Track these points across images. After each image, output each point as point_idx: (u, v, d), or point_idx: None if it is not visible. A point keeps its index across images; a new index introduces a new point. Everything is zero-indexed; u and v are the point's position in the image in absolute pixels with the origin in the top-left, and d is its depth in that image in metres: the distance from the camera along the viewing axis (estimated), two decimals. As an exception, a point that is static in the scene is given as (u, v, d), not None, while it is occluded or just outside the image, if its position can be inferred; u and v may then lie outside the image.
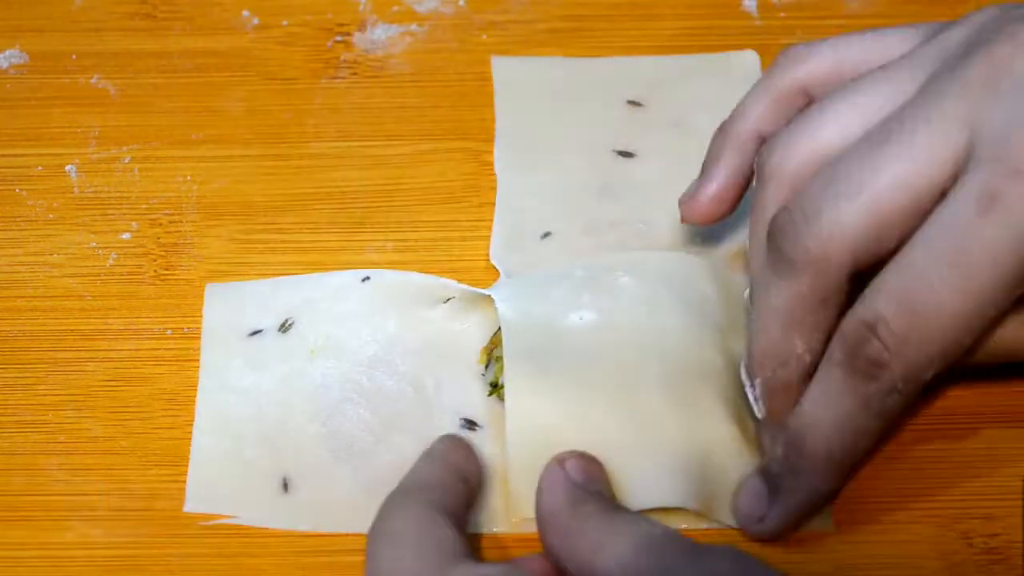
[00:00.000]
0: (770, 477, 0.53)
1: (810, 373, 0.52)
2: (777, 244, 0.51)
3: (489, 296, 0.59)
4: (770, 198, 0.53)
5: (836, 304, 0.50)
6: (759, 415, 0.54)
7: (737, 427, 0.56)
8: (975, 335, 0.49)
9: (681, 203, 0.58)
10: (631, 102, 0.67)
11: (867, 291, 0.49)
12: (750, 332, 0.53)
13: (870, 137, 0.50)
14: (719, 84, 0.68)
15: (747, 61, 0.69)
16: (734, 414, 0.56)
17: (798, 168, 0.52)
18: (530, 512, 0.54)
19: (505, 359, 0.56)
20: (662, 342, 0.57)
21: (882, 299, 0.49)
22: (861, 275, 0.50)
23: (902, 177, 0.49)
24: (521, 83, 0.68)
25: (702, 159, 0.65)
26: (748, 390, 0.54)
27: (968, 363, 0.52)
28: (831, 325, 0.51)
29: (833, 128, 0.52)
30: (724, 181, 0.57)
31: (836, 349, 0.50)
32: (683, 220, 0.58)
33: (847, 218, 0.49)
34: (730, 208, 0.57)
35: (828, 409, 0.51)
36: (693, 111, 0.67)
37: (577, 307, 0.58)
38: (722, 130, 0.57)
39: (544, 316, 0.58)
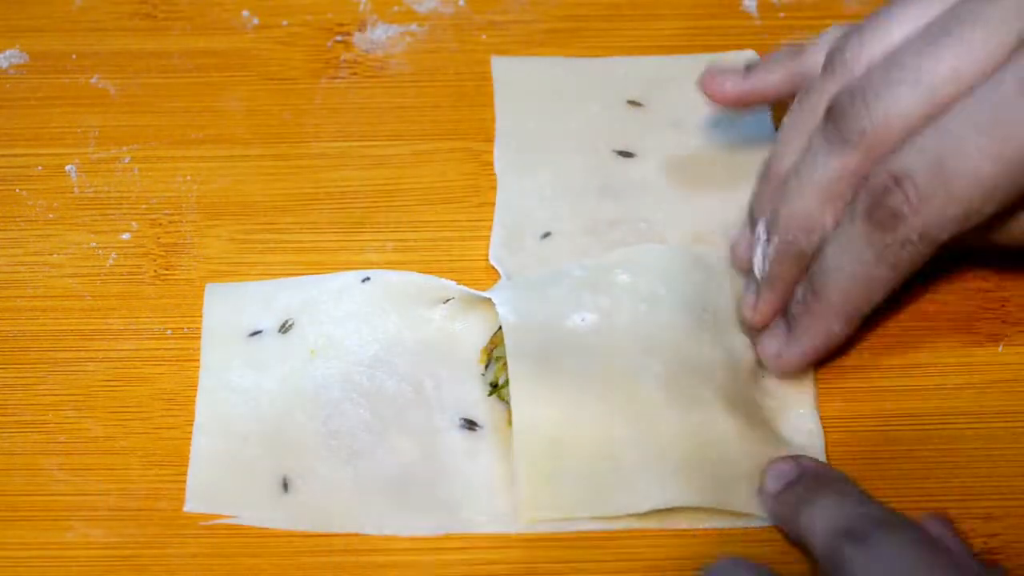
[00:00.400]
0: (790, 318, 0.57)
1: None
2: (835, 121, 0.54)
3: (488, 298, 0.59)
4: (835, 83, 0.55)
5: None
6: (758, 272, 0.57)
7: (739, 422, 0.56)
8: (996, 205, 0.52)
9: (709, 75, 0.61)
10: (631, 102, 0.67)
11: (901, 148, 0.52)
12: (778, 194, 0.56)
13: (931, 29, 0.53)
14: None
15: (747, 61, 0.69)
16: (735, 410, 0.56)
17: (867, 64, 0.55)
18: (537, 513, 0.54)
19: (509, 362, 0.56)
20: (662, 340, 0.57)
21: (914, 156, 0.52)
22: None
23: (957, 68, 0.52)
24: (521, 83, 0.68)
25: (699, 159, 0.65)
26: (759, 245, 0.57)
27: (996, 245, 0.56)
28: None
29: (902, 29, 0.55)
30: (772, 79, 0.60)
31: (861, 199, 0.53)
32: (703, 87, 0.61)
33: (904, 105, 0.53)
34: (748, 103, 0.61)
35: (846, 257, 0.54)
36: (693, 111, 0.67)
37: (577, 308, 0.58)
38: (790, 52, 0.60)
39: (545, 318, 0.58)
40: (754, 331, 0.58)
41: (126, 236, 0.63)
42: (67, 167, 0.65)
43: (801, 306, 0.56)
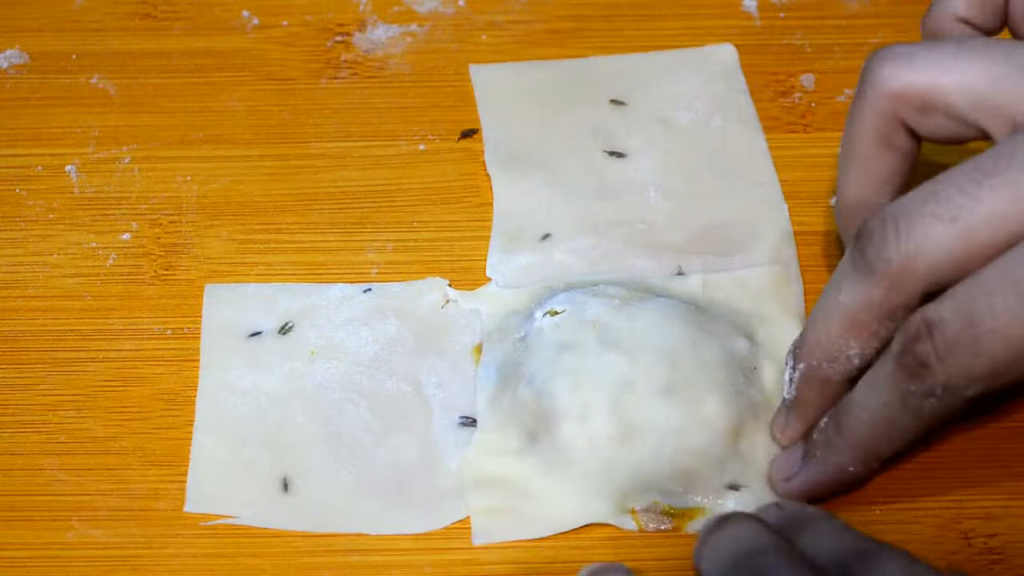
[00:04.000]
0: (809, 442, 0.55)
1: (854, 377, 0.53)
2: (863, 247, 0.51)
3: (487, 296, 0.60)
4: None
5: (903, 317, 0.51)
6: (785, 395, 0.55)
7: (737, 425, 0.56)
8: None
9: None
10: (614, 101, 0.67)
11: (941, 296, 0.50)
12: (810, 317, 0.54)
13: (978, 164, 0.49)
14: (699, 78, 0.68)
15: (725, 54, 0.69)
16: (735, 413, 0.56)
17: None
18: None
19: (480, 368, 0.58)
20: (660, 343, 0.57)
21: (947, 305, 0.49)
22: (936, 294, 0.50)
23: (1000, 213, 0.48)
24: (501, 89, 0.68)
25: (690, 156, 0.65)
26: (787, 370, 0.55)
27: None
28: (891, 336, 0.51)
29: (953, 76, 0.51)
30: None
31: (896, 339, 0.51)
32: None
33: (936, 241, 0.49)
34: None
35: (872, 395, 0.52)
36: (676, 107, 0.67)
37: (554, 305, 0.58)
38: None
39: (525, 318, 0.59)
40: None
41: (126, 236, 0.63)
42: (67, 167, 0.65)
43: (822, 436, 0.54)
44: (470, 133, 0.66)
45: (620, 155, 0.66)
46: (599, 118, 0.67)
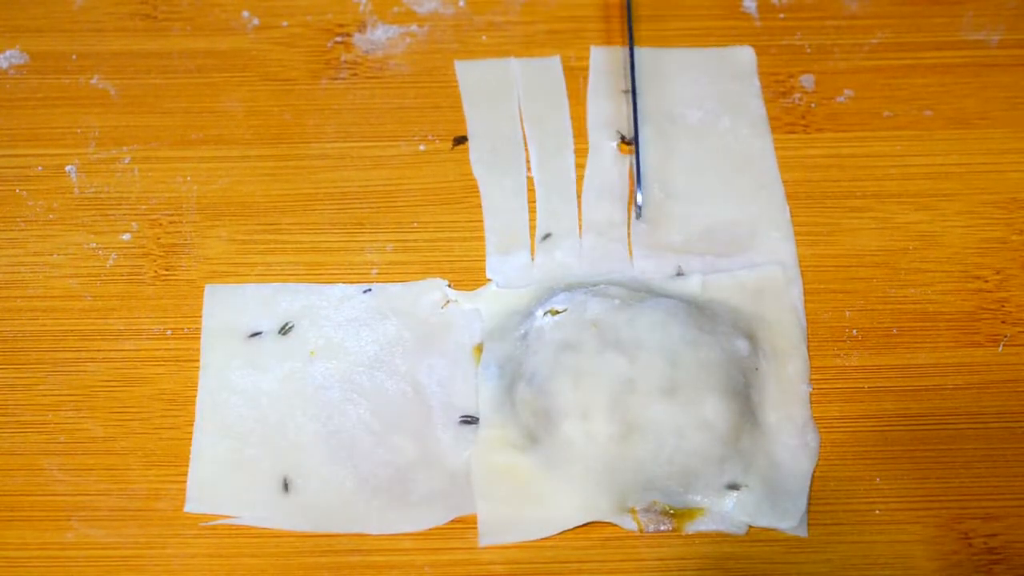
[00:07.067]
0: None
1: None
2: None
3: (487, 296, 0.60)
4: None
5: None
6: None
7: (737, 425, 0.56)
8: None
9: None
10: (624, 92, 0.67)
11: None
12: None
13: None
14: (712, 79, 0.68)
15: (743, 57, 0.69)
16: (735, 413, 0.56)
17: None
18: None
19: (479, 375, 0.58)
20: (661, 343, 0.57)
21: None
22: None
23: None
24: (486, 85, 0.68)
25: (695, 155, 0.65)
26: None
27: None
28: None
29: None
30: None
31: None
32: None
33: None
34: None
35: None
36: (687, 105, 0.67)
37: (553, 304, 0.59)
38: None
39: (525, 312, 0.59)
40: None
41: (126, 237, 0.63)
42: (67, 167, 0.65)
43: None
44: (462, 140, 0.66)
45: (623, 151, 0.65)
46: (603, 115, 0.67)
